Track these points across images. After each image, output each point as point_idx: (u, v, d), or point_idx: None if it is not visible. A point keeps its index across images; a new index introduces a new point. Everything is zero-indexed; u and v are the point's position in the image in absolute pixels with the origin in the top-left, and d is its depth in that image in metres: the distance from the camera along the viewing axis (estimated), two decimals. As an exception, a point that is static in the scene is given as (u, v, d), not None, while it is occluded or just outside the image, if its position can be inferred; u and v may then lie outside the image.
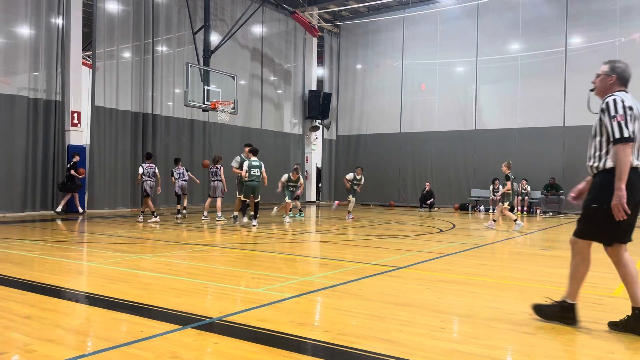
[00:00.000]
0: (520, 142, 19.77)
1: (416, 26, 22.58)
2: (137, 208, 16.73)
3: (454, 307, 4.68)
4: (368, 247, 8.92)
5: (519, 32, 20.23)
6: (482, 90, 21.10)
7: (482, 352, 3.42)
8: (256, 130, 21.31)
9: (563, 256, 8.25)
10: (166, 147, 17.72)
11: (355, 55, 24.50)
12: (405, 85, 22.84)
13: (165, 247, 8.50)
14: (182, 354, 3.28)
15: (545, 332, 3.92)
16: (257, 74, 21.42)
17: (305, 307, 4.63)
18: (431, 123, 22.04)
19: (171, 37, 18.06)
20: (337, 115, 24.86)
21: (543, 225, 14.33)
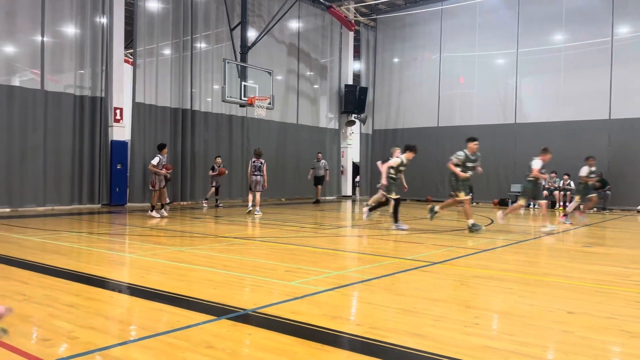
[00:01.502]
0: (563, 136, 19.18)
1: (454, 18, 22.17)
2: (176, 202, 17.14)
3: (488, 303, 4.62)
4: (403, 242, 8.87)
5: (562, 22, 19.58)
6: (523, 83, 20.55)
7: (516, 349, 3.37)
8: (292, 125, 21.44)
9: (606, 253, 8.00)
10: (205, 143, 18.05)
11: (392, 48, 24.26)
12: (443, 79, 22.48)
13: (202, 239, 8.68)
14: (217, 344, 3.37)
15: (584, 330, 3.82)
16: (294, 69, 21.52)
17: (338, 301, 4.66)
18: (470, 116, 21.64)
19: (209, 33, 18.34)
20: (373, 110, 24.71)
21: (587, 221, 13.89)
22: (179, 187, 17.38)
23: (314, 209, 16.55)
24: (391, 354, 3.27)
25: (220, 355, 3.16)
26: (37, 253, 6.96)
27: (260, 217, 12.87)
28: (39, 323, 3.80)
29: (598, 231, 11.69)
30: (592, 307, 4.53)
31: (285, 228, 10.93)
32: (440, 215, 14.61)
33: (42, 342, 3.39)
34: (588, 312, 4.31)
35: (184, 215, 13.74)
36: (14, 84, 13.86)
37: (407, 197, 22.56)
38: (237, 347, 3.32)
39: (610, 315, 4.22)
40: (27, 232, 9.22)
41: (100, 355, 3.13)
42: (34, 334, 3.58)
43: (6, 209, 13.40)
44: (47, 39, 14.28)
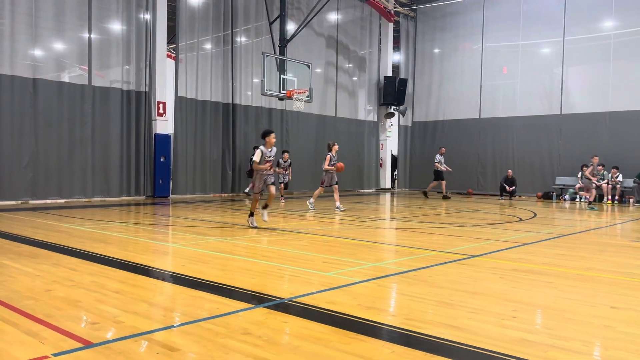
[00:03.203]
0: (611, 127, 18.48)
1: (497, 7, 21.61)
2: (216, 194, 17.49)
3: (527, 297, 4.55)
4: (442, 235, 8.79)
5: (612, 8, 18.79)
6: (570, 73, 19.87)
7: (554, 343, 3.32)
8: (331, 118, 21.46)
9: (655, 248, 7.70)
10: (245, 136, 18.31)
11: (432, 39, 23.88)
12: (485, 69, 21.99)
13: (243, 231, 8.85)
14: (253, 330, 3.46)
15: (626, 325, 3.72)
16: (332, 61, 21.51)
17: (374, 292, 4.68)
18: (513, 108, 21.11)
19: (249, 27, 18.54)
20: (413, 101, 24.43)
21: (636, 215, 13.37)
22: (219, 179, 17.72)
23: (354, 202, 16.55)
24: (426, 345, 3.27)
25: (257, 342, 3.24)
26: (85, 242, 7.27)
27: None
28: (86, 307, 3.99)
29: (648, 225, 11.24)
30: (637, 302, 4.39)
31: (322, 220, 10.99)
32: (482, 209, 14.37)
33: (90, 325, 3.57)
34: (632, 308, 4.18)
35: (225, 207, 14.01)
36: (63, 80, 14.42)
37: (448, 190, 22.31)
38: (272, 335, 3.39)
39: (655, 311, 4.08)
40: (75, 222, 9.62)
41: (143, 339, 3.27)
42: (82, 317, 3.77)
43: (57, 200, 14.01)
44: (94, 35, 14.78)
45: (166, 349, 3.10)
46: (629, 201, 17.43)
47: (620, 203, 17.31)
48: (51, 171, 13.98)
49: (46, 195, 13.89)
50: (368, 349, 3.17)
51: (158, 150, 15.95)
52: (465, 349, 3.19)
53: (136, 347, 3.13)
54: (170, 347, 3.14)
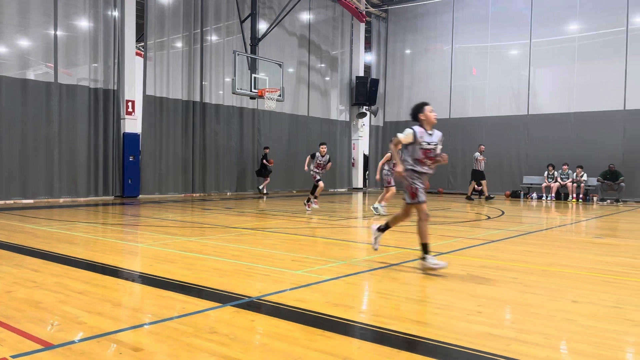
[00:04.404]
0: (576, 127, 18.99)
1: (466, 9, 21.96)
2: (187, 193, 17.30)
3: (493, 292, 4.63)
4: (412, 233, 8.86)
5: (576, 11, 19.32)
6: (537, 74, 20.35)
7: (516, 336, 3.38)
8: (303, 117, 21.46)
9: (616, 244, 7.95)
10: (217, 135, 18.16)
11: (403, 40, 24.11)
12: (455, 70, 22.32)
13: (213, 230, 8.77)
14: (220, 329, 3.43)
15: (587, 319, 3.82)
16: (304, 61, 21.51)
17: (342, 289, 4.70)
18: (482, 108, 21.49)
19: (220, 26, 18.39)
20: (384, 102, 24.63)
21: (599, 212, 13.77)
22: (190, 179, 17.53)
23: (327, 201, 16.57)
24: (393, 341, 3.30)
25: (223, 340, 3.21)
26: (50, 242, 7.09)
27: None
28: (48, 308, 3.89)
29: (610, 223, 11.58)
30: (598, 296, 4.52)
31: (294, 219, 10.98)
32: (452, 207, 14.57)
33: (50, 326, 3.48)
34: (593, 302, 4.30)
35: (195, 206, 13.86)
36: (28, 77, 14.04)
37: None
38: (239, 333, 3.37)
39: (615, 305, 4.21)
40: (41, 223, 9.38)
41: (107, 340, 3.21)
42: (43, 319, 3.67)
43: (22, 200, 13.63)
44: (60, 32, 14.44)
45: (130, 349, 3.04)
46: (592, 199, 17.93)
47: (585, 201, 17.78)
48: (15, 171, 13.60)
49: (9, 195, 13.51)
50: (335, 345, 3.18)
51: (127, 149, 15.68)
52: (431, 344, 3.23)
53: (99, 348, 3.07)
54: (135, 347, 3.09)
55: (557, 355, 3.11)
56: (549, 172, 18.62)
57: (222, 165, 18.37)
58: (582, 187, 17.93)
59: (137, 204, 14.20)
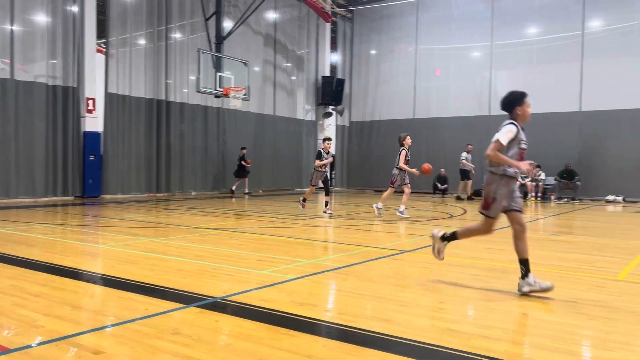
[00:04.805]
0: (535, 128, 19.45)
1: (430, 10, 22.32)
2: (151, 193, 17.00)
3: (454, 289, 4.73)
4: (377, 232, 8.97)
5: (535, 15, 19.90)
6: (498, 76, 20.84)
7: (477, 332, 3.47)
8: (269, 117, 21.38)
9: (572, 241, 8.23)
10: (181, 134, 17.90)
11: (369, 40, 24.32)
12: (419, 71, 22.65)
13: (176, 230, 8.65)
14: (183, 330, 3.39)
15: (543, 313, 3.95)
16: (270, 60, 21.43)
17: (307, 288, 4.71)
18: (446, 109, 21.87)
19: (184, 24, 18.13)
20: (350, 102, 24.78)
21: (557, 211, 14.21)
22: (153, 178, 17.22)
23: (293, 201, 16.56)
24: (357, 338, 3.33)
25: (186, 341, 3.18)
26: (4, 244, 6.85)
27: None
28: (3, 312, 3.76)
29: (567, 220, 11.98)
30: (554, 291, 4.66)
31: (259, 219, 10.94)
32: (416, 206, 14.77)
33: (5, 330, 3.37)
34: (549, 296, 4.44)
35: (159, 206, 13.64)
36: (-19, 73, 13.53)
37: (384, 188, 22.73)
38: (203, 334, 3.34)
39: (570, 299, 4.36)
40: (-5, 224, 9.05)
41: (65, 343, 3.13)
42: (-2, 323, 3.55)
43: (-25, 201, 13.13)
44: (16, 27, 13.96)
45: (90, 353, 2.98)
46: (550, 198, 18.50)
47: (543, 200, 18.32)
48: (-32, 170, 13.09)
49: (-38, 196, 12.99)
50: (299, 344, 3.19)
51: (87, 148, 15.29)
52: (394, 341, 3.28)
53: (57, 352, 2.99)
54: (95, 350, 3.03)
55: (516, 349, 3.21)
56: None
57: (187, 165, 18.12)
58: (541, 186, 18.47)
59: (99, 204, 13.86)
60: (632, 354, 3.08)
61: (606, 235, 8.93)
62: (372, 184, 23.65)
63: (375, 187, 23.34)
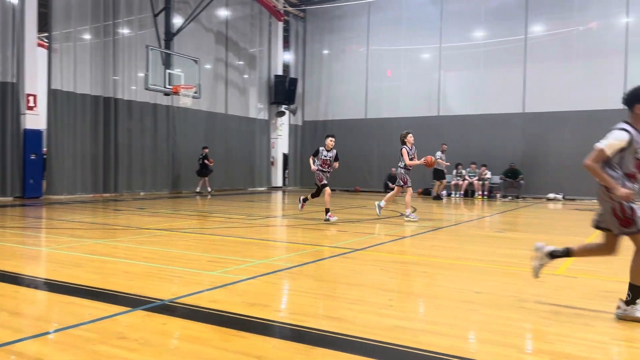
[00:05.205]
0: (481, 128, 20.16)
1: (381, 12, 22.64)
2: (97, 193, 16.46)
3: (403, 286, 4.82)
4: (329, 231, 9.02)
5: (481, 19, 20.55)
6: (446, 77, 21.39)
7: (424, 327, 3.55)
8: (221, 115, 21.11)
9: (515, 238, 8.55)
10: (129, 132, 17.41)
11: (321, 40, 24.43)
12: (371, 71, 22.94)
13: (124, 232, 8.41)
14: (129, 334, 3.31)
15: (487, 308, 4.08)
16: (222, 57, 21.16)
17: (258, 289, 4.69)
18: (397, 109, 22.24)
19: (132, 19, 17.63)
20: (303, 101, 24.81)
21: (502, 208, 14.72)
22: (100, 178, 16.67)
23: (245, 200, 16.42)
24: (307, 337, 3.34)
25: (132, 346, 3.10)
26: (-64, 249, 6.47)
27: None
28: None
29: (511, 218, 12.44)
30: (498, 287, 4.84)
31: (211, 219, 10.79)
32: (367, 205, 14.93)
33: (-64, 340, 3.18)
34: (493, 292, 4.60)
35: (107, 207, 13.22)
36: None
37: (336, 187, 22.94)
38: (150, 337, 3.27)
39: (512, 294, 4.53)
40: None
41: (3, 351, 2.98)
42: None
43: None
44: (-51, 18, 13.19)
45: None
46: (496, 196, 19.14)
47: (489, 198, 18.94)
48: None
49: None
50: (249, 345, 3.17)
51: (28, 147, 14.61)
52: (344, 339, 3.31)
53: (-7, 361, 2.85)
54: (35, 357, 2.91)
55: (461, 343, 3.30)
56: (458, 170, 19.66)
57: (135, 164, 17.64)
58: (487, 185, 19.09)
59: (40, 205, 13.29)
60: (570, 345, 3.24)
61: (547, 232, 9.33)
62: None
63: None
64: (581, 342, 3.30)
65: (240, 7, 22.02)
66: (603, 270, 5.66)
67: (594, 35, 18.68)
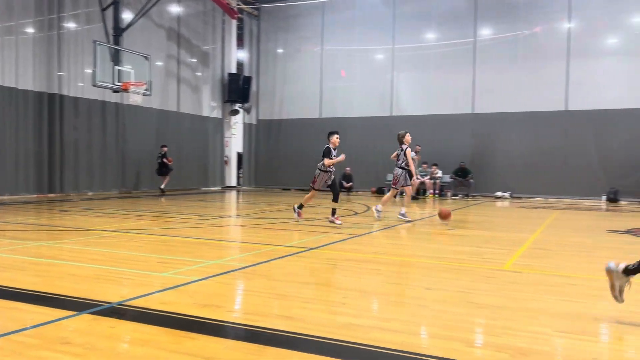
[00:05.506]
0: (433, 128, 20.61)
1: (335, 12, 22.77)
2: (41, 194, 15.80)
3: (357, 284, 4.87)
4: (284, 230, 9.00)
5: (433, 22, 21.01)
6: (399, 78, 21.75)
7: (377, 324, 3.60)
8: (173, 113, 20.68)
9: (465, 235, 8.78)
10: (76, 130, 16.79)
11: (275, 39, 24.33)
12: (325, 71, 23.05)
13: (71, 233, 8.11)
14: (74, 339, 3.19)
15: (437, 304, 4.18)
16: (174, 54, 20.73)
17: (211, 289, 4.62)
18: (351, 109, 22.42)
19: (79, 13, 17.00)
20: (257, 100, 24.64)
21: (452, 206, 15.09)
22: (45, 178, 16.01)
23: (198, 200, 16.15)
24: (260, 337, 3.32)
25: (77, 351, 2.99)
26: None
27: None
28: None
29: (461, 215, 12.77)
30: (448, 283, 4.96)
31: (162, 219, 10.56)
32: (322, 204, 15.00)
33: None
34: (443, 288, 4.71)
35: (52, 207, 12.70)
36: None
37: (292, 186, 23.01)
38: (96, 342, 3.16)
39: (461, 290, 4.65)
40: None
41: None
42: None
43: None
44: None
45: (-36, 370, 2.71)
46: (447, 195, 19.62)
47: (440, 196, 19.40)
48: None
49: None
50: (200, 346, 3.12)
51: (-35, 145, 13.87)
52: (297, 338, 3.31)
53: None
54: (-30, 367, 2.76)
55: (412, 339, 3.36)
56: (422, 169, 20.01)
57: (82, 163, 17.02)
58: (438, 184, 19.54)
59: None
60: (516, 338, 3.35)
61: (495, 229, 9.64)
62: (280, 182, 23.72)
63: (283, 185, 23.44)
64: (525, 334, 3.42)
65: (193, 3, 21.64)
66: (546, 266, 5.90)
67: (539, 39, 19.44)
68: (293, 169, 23.12)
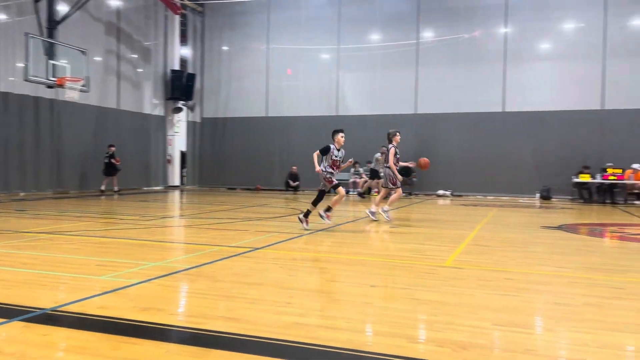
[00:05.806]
0: (377, 128, 20.91)
1: (281, 10, 22.71)
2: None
3: (303, 283, 4.86)
4: (228, 230, 8.88)
5: (377, 23, 21.35)
6: (344, 78, 21.96)
7: (322, 323, 3.61)
8: (112, 110, 19.97)
9: (408, 232, 8.98)
10: (6, 127, 15.88)
11: (220, 36, 23.98)
12: (271, 70, 22.93)
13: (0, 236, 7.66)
14: (4, 348, 3.01)
15: (382, 301, 4.24)
16: (113, 49, 20.01)
17: (152, 292, 4.48)
18: (297, 108, 22.44)
19: (10, 4, 16.09)
20: (202, 97, 24.20)
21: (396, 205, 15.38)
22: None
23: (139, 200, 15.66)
24: (203, 340, 3.25)
25: (7, 361, 2.82)
26: None
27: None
28: None
29: (404, 213, 13.05)
30: (392, 280, 5.05)
31: (101, 220, 10.17)
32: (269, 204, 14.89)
33: None
34: (387, 285, 4.79)
35: (-22, 209, 11.95)
36: None
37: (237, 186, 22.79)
38: (28, 350, 2.99)
39: (404, 286, 4.74)
40: None
41: None
42: None
43: None
44: None
45: None
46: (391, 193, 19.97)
47: (385, 195, 19.71)
48: None
49: None
50: (141, 351, 3.02)
51: None
52: (242, 339, 3.26)
53: None
54: None
55: (357, 337, 3.39)
56: (355, 169, 20.26)
57: (12, 162, 16.13)
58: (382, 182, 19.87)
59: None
60: (457, 333, 3.44)
61: (437, 226, 9.91)
62: (225, 181, 23.40)
63: (228, 185, 23.14)
64: (466, 328, 3.52)
65: (134, -3, 20.98)
66: (485, 261, 6.12)
67: (478, 43, 20.16)
68: (238, 168, 22.90)
